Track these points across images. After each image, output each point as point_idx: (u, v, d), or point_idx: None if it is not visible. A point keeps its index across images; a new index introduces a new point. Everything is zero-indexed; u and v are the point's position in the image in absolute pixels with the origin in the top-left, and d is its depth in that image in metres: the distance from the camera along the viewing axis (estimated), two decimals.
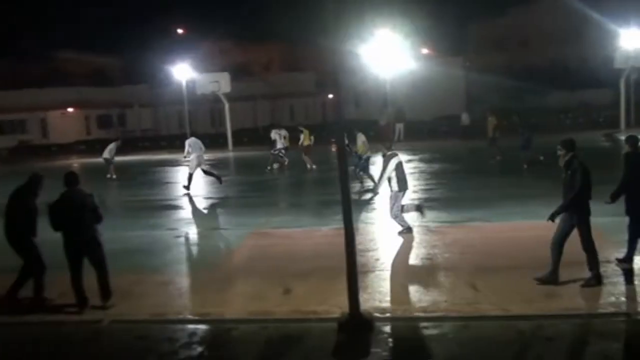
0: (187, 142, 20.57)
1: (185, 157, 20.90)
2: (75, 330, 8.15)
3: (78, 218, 8.46)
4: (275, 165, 25.58)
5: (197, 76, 41.66)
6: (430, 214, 14.54)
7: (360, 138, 19.11)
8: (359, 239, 8.86)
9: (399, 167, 12.18)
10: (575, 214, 8.38)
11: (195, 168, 20.05)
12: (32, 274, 9.00)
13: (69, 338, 7.92)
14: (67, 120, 56.86)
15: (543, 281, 8.49)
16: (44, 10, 73.42)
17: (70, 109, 56.80)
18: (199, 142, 20.40)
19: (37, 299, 8.93)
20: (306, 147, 25.25)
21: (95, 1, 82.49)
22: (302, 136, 25.28)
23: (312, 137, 25.60)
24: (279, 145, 25.38)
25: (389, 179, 12.15)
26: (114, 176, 25.53)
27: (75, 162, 38.32)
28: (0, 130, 54.78)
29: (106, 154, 25.83)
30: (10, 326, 8.35)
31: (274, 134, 25.81)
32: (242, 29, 54.75)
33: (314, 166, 24.50)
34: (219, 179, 20.31)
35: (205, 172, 20.54)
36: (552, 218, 8.44)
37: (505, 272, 8.85)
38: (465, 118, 38.21)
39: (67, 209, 8.43)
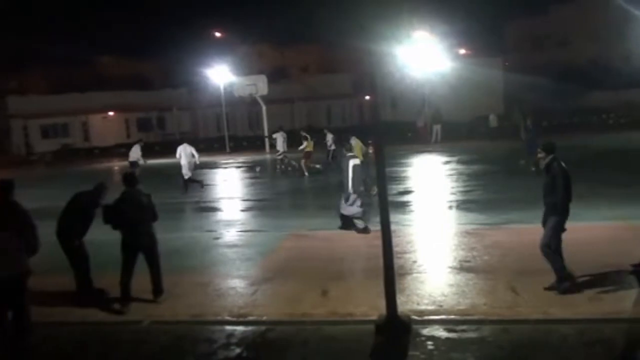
0: (179, 148, 21.43)
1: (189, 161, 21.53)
2: (116, 331, 8.28)
3: (138, 216, 8.82)
4: (289, 168, 26.43)
5: (234, 79, 42.00)
6: (468, 216, 14.43)
7: (357, 143, 18.89)
8: (396, 240, 8.81)
9: (356, 169, 12.81)
10: (553, 215, 8.39)
11: (189, 172, 20.77)
12: (81, 270, 9.31)
13: (110, 338, 8.05)
14: (107, 123, 57.89)
15: (558, 289, 8.36)
16: (86, 16, 74.84)
17: (110, 113, 57.82)
18: (189, 148, 21.22)
19: (82, 295, 9.26)
20: (307, 153, 25.67)
21: (134, 7, 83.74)
22: (305, 142, 25.74)
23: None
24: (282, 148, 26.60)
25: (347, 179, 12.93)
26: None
27: (116, 165, 38.90)
28: (44, 134, 55.97)
29: (133, 156, 26.22)
30: (52, 326, 8.52)
31: (280, 136, 26.90)
32: (280, 31, 55.02)
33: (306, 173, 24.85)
34: (201, 184, 21.67)
35: (186, 180, 21.37)
36: (544, 224, 8.59)
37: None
38: (492, 119, 37.72)
39: (128, 208, 8.79)
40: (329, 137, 26.00)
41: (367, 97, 46.72)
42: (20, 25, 62.07)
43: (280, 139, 27.16)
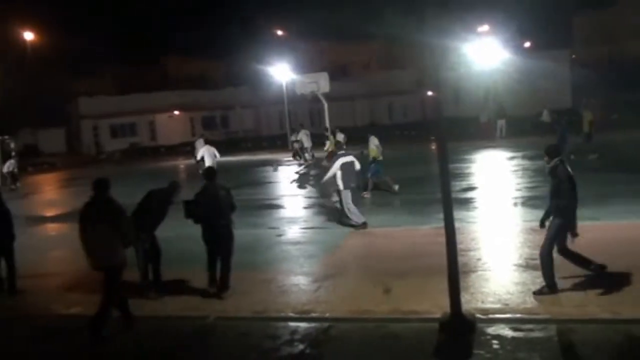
0: (201, 150, 21.55)
1: (197, 161, 21.65)
2: (182, 325, 8.46)
3: (218, 209, 9.15)
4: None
5: (296, 77, 42.21)
6: (534, 213, 14.08)
7: (373, 142, 18.60)
8: (459, 238, 8.69)
9: (345, 166, 13.34)
10: (557, 217, 8.28)
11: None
12: (155, 261, 9.63)
13: (177, 333, 8.23)
14: (173, 122, 59.22)
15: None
16: (152, 18, 76.69)
17: (176, 112, 59.11)
18: (212, 148, 21.34)
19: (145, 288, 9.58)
20: (330, 153, 25.52)
21: (198, 8, 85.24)
22: (328, 142, 26.26)
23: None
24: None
25: (336, 177, 13.44)
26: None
27: (182, 163, 39.75)
28: (113, 133, 57.71)
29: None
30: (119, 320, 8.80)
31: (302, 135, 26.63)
32: (341, 28, 54.92)
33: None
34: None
35: None
36: (542, 225, 8.59)
37: (615, 273, 8.44)
38: (545, 115, 36.77)
39: (210, 201, 9.14)
40: (340, 137, 25.68)
41: (430, 93, 46.30)
42: (89, 28, 64.07)
43: (304, 137, 27.00)
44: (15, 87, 39.18)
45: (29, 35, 51.98)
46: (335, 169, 13.39)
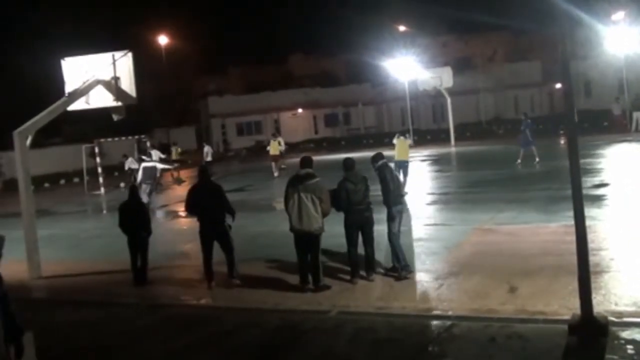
0: (205, 147, 22.33)
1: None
2: (304, 319, 8.64)
3: (363, 197, 9.79)
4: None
5: (418, 72, 41.83)
6: None
7: (401, 142, 18.41)
8: (591, 236, 8.28)
9: (145, 170, 18.72)
10: None
11: None
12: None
13: (300, 326, 8.41)
14: (296, 120, 60.46)
15: None
16: (275, 17, 78.76)
17: (299, 110, 60.29)
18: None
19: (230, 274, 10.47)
20: (273, 155, 29.40)
21: (317, 5, 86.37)
22: (269, 146, 29.54)
23: (282, 146, 30.51)
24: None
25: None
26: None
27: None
28: (239, 131, 59.77)
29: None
30: (238, 311, 9.13)
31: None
32: (464, 21, 53.77)
33: (276, 173, 28.07)
34: None
35: None
36: None
37: None
38: (616, 107, 34.33)
39: (353, 190, 9.69)
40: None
41: (558, 85, 44.38)
42: (217, 30, 66.77)
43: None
44: (151, 89, 41.49)
45: (163, 40, 54.95)
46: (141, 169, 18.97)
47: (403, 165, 19.13)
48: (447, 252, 11.47)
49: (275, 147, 29.64)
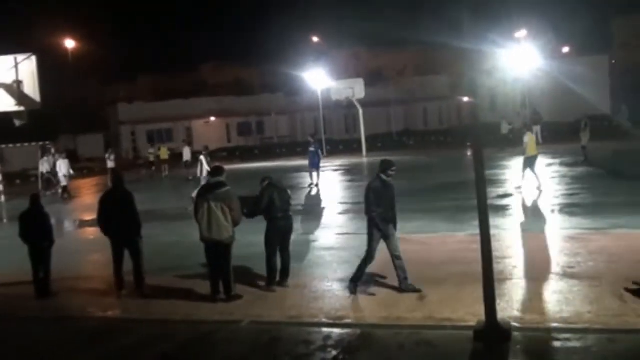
0: (202, 158, 22.10)
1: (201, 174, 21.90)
2: (214, 330, 8.52)
3: (288, 204, 10.20)
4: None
5: (331, 83, 42.31)
6: (572, 221, 13.90)
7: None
8: (495, 245, 8.58)
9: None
10: None
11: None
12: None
13: (211, 337, 8.29)
14: (209, 128, 59.79)
15: None
16: (187, 25, 77.82)
17: (212, 118, 59.68)
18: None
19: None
20: (163, 160, 36.07)
21: (233, 14, 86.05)
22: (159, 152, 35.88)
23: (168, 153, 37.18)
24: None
25: None
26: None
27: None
28: (149, 139, 58.49)
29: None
30: (148, 323, 8.92)
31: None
32: (376, 34, 54.91)
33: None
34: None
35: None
36: None
37: None
38: (505, 127, 36.48)
39: (279, 197, 9.94)
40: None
41: (465, 99, 45.87)
42: (127, 36, 65.34)
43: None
44: (57, 94, 40.01)
45: (70, 43, 53.12)
46: None
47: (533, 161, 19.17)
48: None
49: (164, 152, 36.99)
